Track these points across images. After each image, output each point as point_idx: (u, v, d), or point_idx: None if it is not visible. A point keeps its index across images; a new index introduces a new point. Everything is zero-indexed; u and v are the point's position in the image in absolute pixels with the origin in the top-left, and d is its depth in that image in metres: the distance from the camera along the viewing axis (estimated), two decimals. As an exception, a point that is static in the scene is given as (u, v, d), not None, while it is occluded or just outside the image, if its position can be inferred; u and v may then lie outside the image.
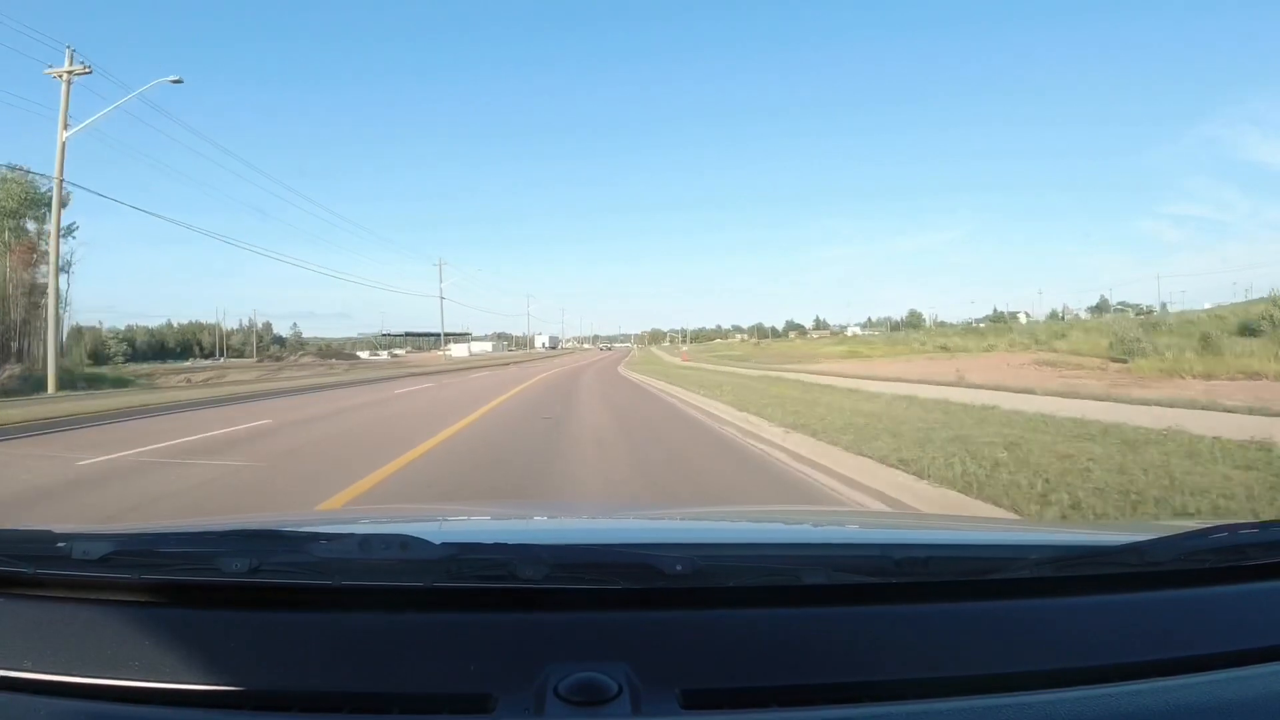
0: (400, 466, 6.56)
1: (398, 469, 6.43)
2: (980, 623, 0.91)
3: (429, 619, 0.90)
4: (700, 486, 5.74)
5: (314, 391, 21.07)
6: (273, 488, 5.97)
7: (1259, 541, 0.98)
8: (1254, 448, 5.37)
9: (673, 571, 0.89)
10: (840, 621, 0.90)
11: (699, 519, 2.02)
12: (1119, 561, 0.97)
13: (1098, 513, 3.96)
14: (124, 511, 4.98)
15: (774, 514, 2.24)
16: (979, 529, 1.92)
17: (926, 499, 4.65)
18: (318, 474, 6.51)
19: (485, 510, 2.63)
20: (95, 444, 8.68)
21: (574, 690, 0.78)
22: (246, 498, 5.61)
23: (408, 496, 5.29)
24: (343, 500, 5.09)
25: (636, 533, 1.58)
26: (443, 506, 3.84)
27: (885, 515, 3.90)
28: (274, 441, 9.05)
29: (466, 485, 5.83)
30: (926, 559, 0.97)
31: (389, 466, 6.50)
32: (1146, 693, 0.80)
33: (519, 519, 2.01)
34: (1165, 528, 1.16)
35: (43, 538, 0.98)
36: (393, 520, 1.79)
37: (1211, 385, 14.51)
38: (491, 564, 0.91)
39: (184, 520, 3.52)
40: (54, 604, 0.94)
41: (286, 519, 1.65)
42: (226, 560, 0.92)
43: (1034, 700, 0.79)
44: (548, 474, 6.26)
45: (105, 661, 0.85)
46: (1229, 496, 4.07)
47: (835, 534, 1.57)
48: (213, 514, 4.71)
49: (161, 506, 5.15)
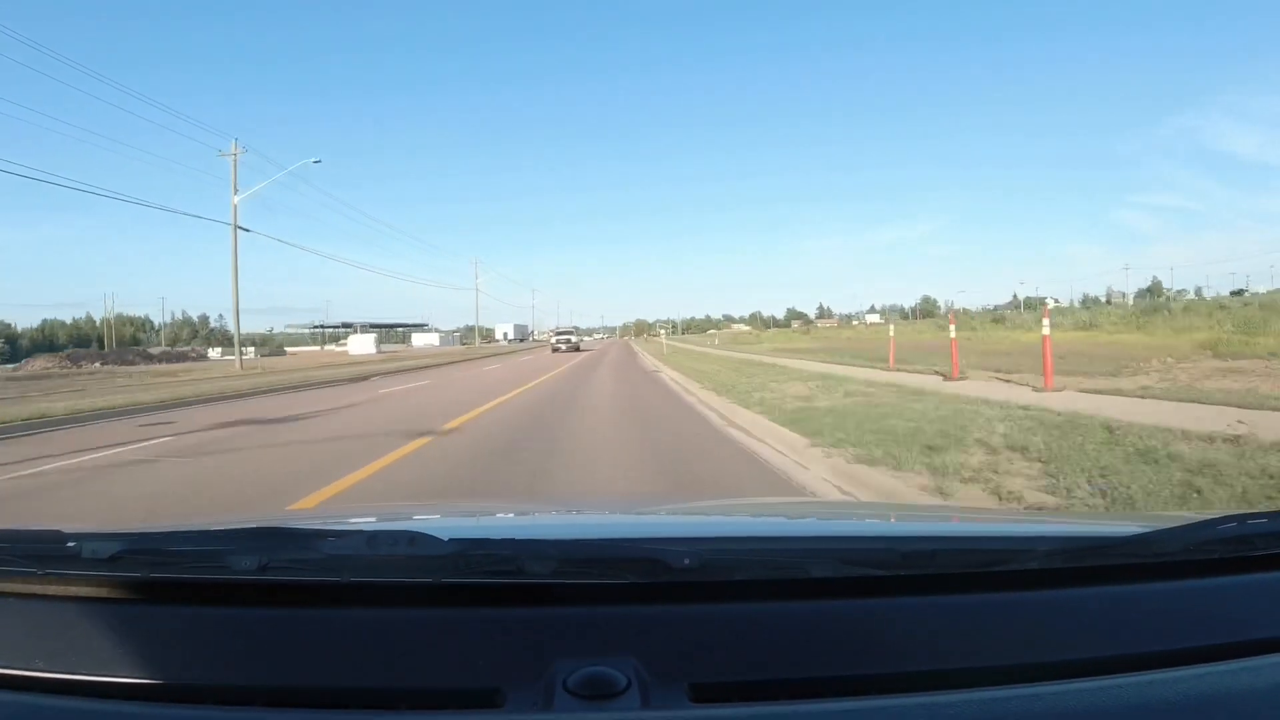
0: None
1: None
2: (988, 615, 0.91)
3: (437, 614, 0.91)
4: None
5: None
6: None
7: (1268, 532, 0.97)
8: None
9: (680, 565, 0.89)
10: (848, 614, 0.90)
11: (706, 513, 2.02)
12: (1127, 552, 0.97)
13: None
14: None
15: (780, 507, 2.25)
16: (986, 521, 1.92)
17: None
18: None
19: (493, 506, 2.64)
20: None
21: (583, 684, 0.79)
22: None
23: None
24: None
25: (643, 527, 1.58)
26: (451, 503, 3.85)
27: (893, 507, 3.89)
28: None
29: None
30: (934, 551, 0.97)
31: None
32: (1156, 683, 0.80)
33: (526, 515, 2.02)
34: (1174, 518, 1.16)
35: (52, 538, 0.98)
36: (401, 516, 1.80)
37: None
38: (499, 559, 0.92)
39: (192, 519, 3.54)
40: (63, 604, 0.94)
41: (295, 516, 1.66)
42: (235, 558, 0.92)
43: (1043, 691, 0.79)
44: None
45: (115, 660, 0.86)
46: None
47: (842, 527, 1.57)
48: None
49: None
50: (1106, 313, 43.23)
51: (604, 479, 5.82)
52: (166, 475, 6.56)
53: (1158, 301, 60.24)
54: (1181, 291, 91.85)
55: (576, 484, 5.61)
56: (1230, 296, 54.52)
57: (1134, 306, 52.15)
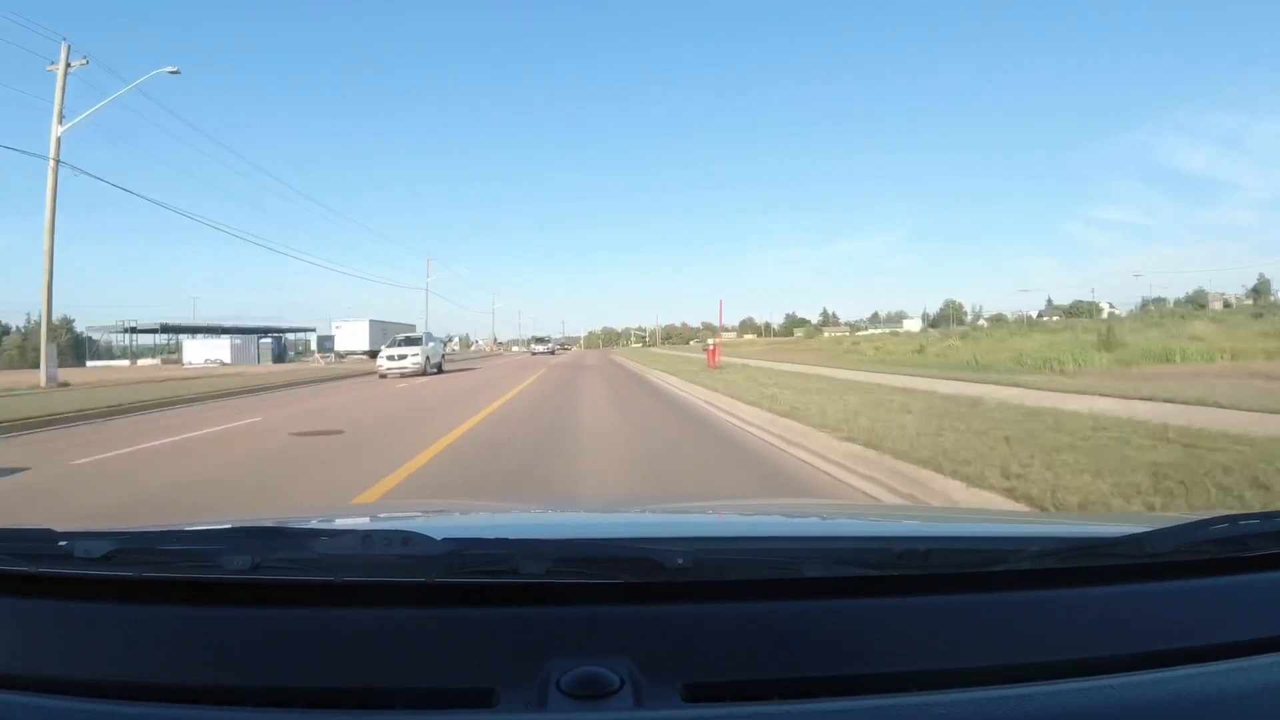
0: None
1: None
2: (981, 615, 0.91)
3: (431, 614, 0.91)
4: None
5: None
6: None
7: (1261, 532, 0.98)
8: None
9: (674, 565, 0.89)
10: (841, 614, 0.90)
11: (700, 513, 2.02)
12: (1121, 553, 0.97)
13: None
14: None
15: (775, 507, 2.25)
16: (980, 521, 1.92)
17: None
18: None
19: (487, 506, 2.64)
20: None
21: (576, 684, 0.79)
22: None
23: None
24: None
25: (638, 527, 1.58)
26: (445, 503, 3.85)
27: (887, 508, 3.91)
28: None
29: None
30: (927, 551, 0.97)
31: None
32: (1149, 684, 0.80)
33: (521, 514, 2.01)
34: (1167, 519, 1.17)
35: (44, 536, 0.98)
36: (395, 516, 1.80)
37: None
38: (493, 559, 0.92)
39: (185, 519, 3.53)
40: (55, 603, 0.94)
41: (288, 516, 1.65)
42: (228, 557, 0.92)
43: (1036, 691, 0.79)
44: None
45: (107, 659, 0.85)
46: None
47: (836, 527, 1.57)
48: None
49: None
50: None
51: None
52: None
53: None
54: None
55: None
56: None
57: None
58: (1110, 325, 32.55)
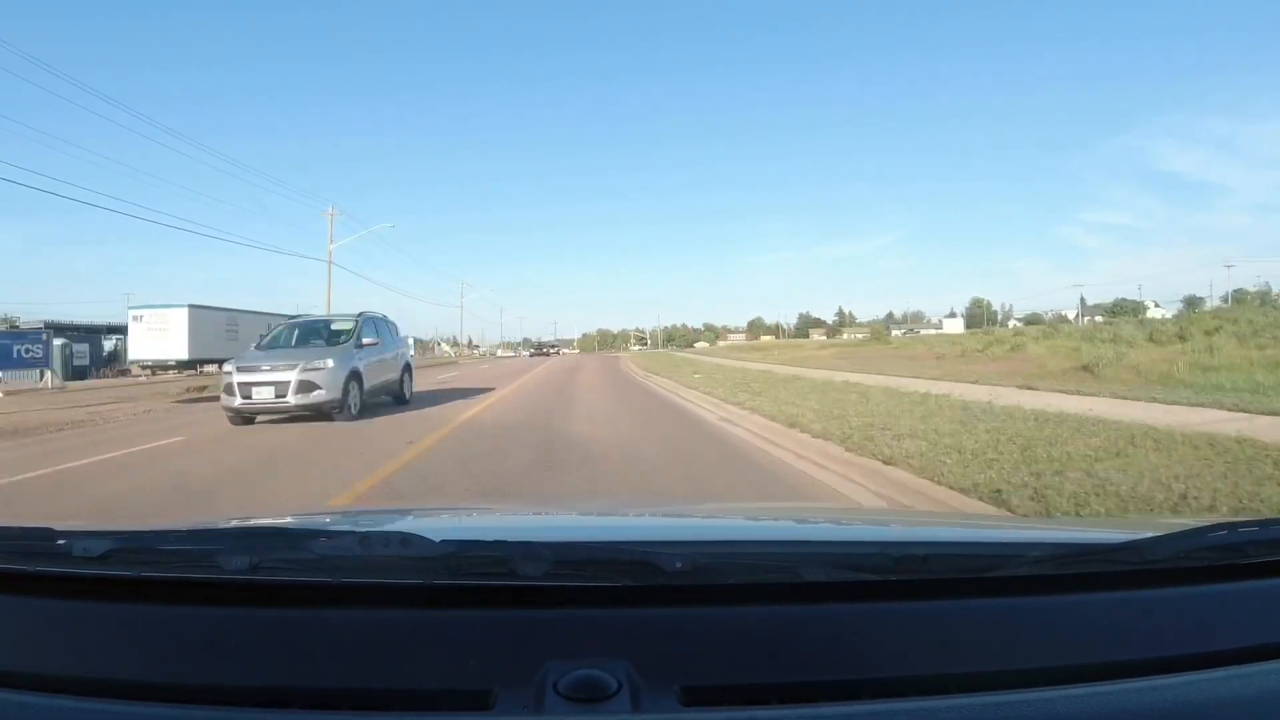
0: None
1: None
2: (980, 620, 0.91)
3: (429, 616, 0.90)
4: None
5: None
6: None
7: (1259, 539, 0.98)
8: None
9: (673, 569, 0.89)
10: (840, 619, 0.90)
11: (699, 516, 2.02)
12: (1118, 559, 0.97)
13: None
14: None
15: (774, 511, 2.25)
16: (979, 527, 1.92)
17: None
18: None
19: (486, 507, 2.64)
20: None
21: (574, 687, 0.78)
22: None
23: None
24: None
25: (637, 530, 1.58)
26: (444, 504, 3.85)
27: (886, 513, 3.90)
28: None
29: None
30: (926, 556, 0.97)
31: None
32: (1146, 690, 0.80)
33: (519, 516, 2.01)
34: (1165, 525, 1.17)
35: (42, 535, 0.98)
36: (393, 517, 1.80)
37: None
38: (492, 561, 0.92)
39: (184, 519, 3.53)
40: (53, 602, 0.94)
41: (287, 517, 1.66)
42: (226, 558, 0.92)
43: (1033, 697, 0.79)
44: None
45: (105, 659, 0.85)
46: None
47: (835, 531, 1.57)
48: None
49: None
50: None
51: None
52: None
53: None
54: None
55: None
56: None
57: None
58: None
